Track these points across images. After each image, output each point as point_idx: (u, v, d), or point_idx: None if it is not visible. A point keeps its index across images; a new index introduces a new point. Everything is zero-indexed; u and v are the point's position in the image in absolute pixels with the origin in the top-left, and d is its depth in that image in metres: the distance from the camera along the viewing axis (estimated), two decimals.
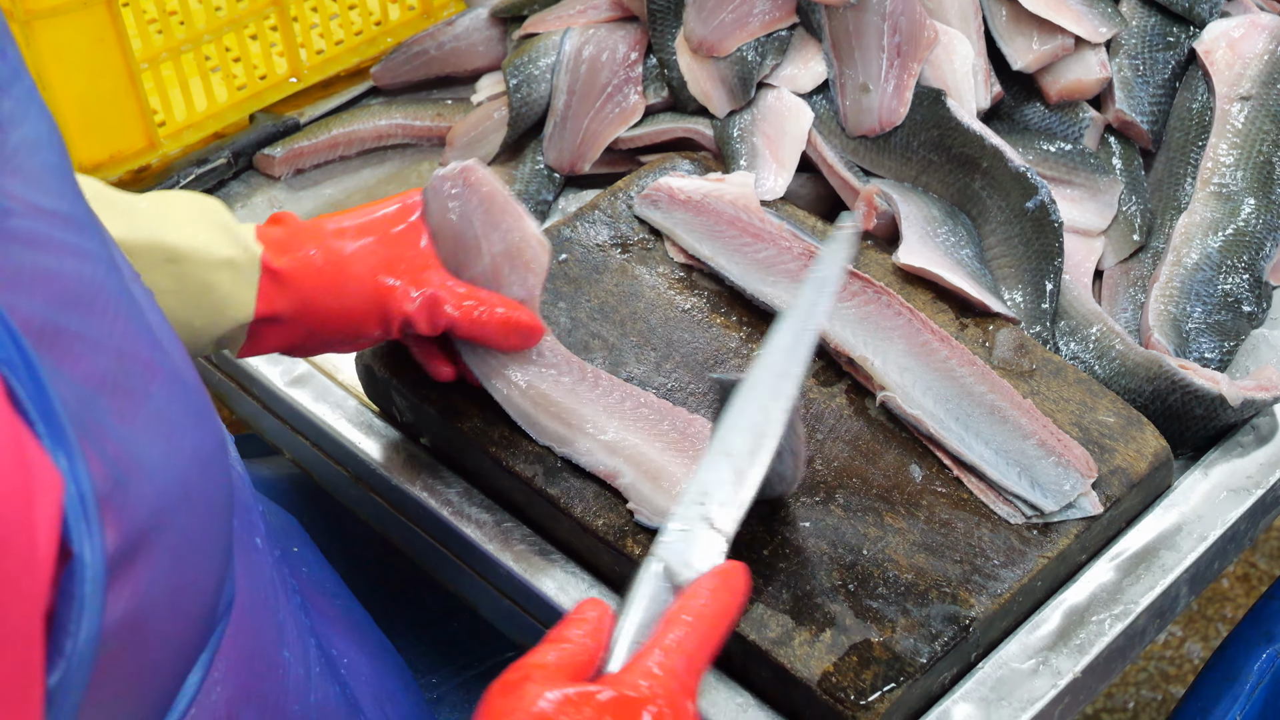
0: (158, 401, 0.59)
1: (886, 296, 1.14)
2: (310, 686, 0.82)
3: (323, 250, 1.02)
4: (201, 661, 0.66)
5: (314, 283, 1.01)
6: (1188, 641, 2.22)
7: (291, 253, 1.01)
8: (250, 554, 0.76)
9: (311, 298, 1.01)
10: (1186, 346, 1.17)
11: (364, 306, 1.03)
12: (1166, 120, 1.33)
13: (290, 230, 1.02)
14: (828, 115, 1.33)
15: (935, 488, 1.05)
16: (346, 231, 1.03)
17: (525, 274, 1.08)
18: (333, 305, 1.02)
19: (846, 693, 0.94)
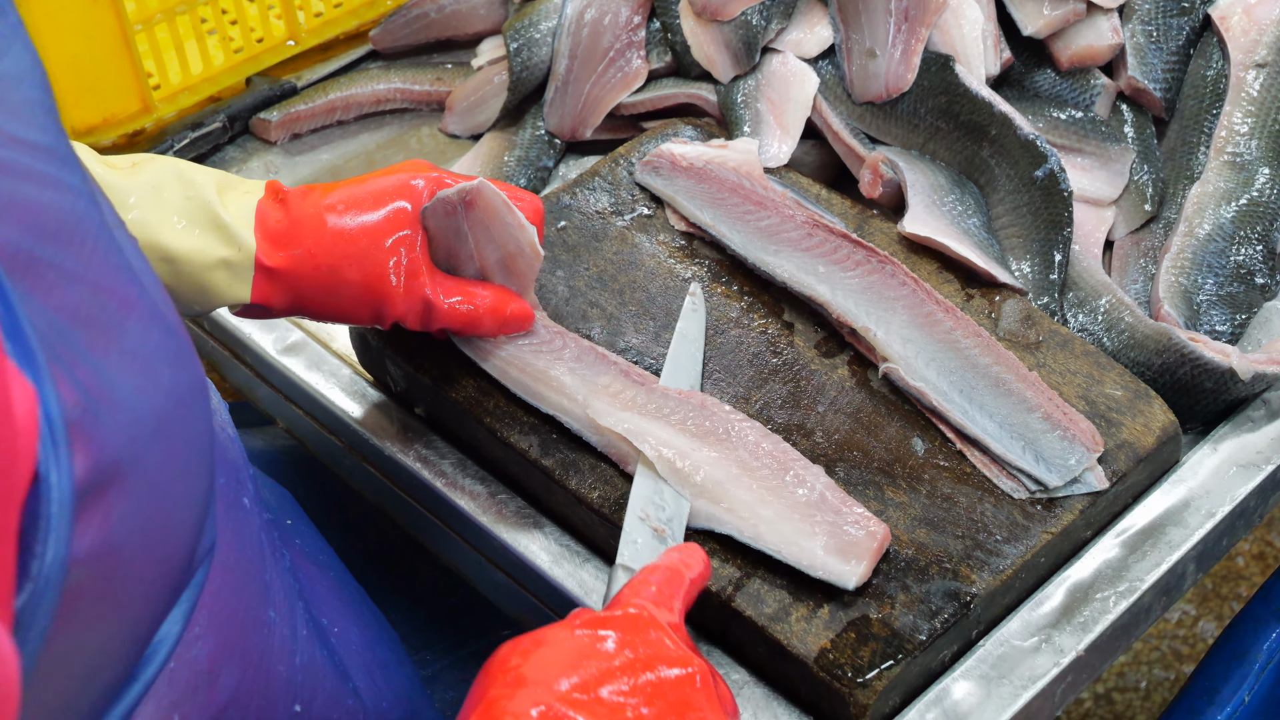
0: (134, 337, 0.59)
1: (891, 266, 1.13)
2: (296, 648, 0.82)
3: (319, 248, 1.02)
4: (180, 610, 0.66)
5: (309, 282, 1.03)
6: (1201, 620, 2.21)
7: (288, 249, 1.02)
8: (236, 511, 0.76)
9: (305, 295, 1.03)
10: (1197, 319, 1.16)
11: (357, 308, 1.05)
12: (1180, 87, 1.32)
13: (289, 219, 1.02)
14: (833, 81, 1.32)
15: (938, 461, 1.04)
16: (346, 234, 1.03)
17: (517, 279, 1.09)
18: (324, 301, 1.04)
19: (844, 670, 0.93)
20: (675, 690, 0.78)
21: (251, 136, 1.46)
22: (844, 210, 1.22)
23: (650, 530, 0.98)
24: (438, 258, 1.07)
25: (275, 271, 1.01)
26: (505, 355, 1.09)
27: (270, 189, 1.04)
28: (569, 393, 1.06)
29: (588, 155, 1.41)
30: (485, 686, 0.77)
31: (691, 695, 0.78)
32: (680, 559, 0.90)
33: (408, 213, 1.05)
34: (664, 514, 0.99)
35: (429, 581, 1.27)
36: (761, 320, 1.15)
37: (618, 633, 0.80)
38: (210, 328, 1.27)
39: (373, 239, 1.03)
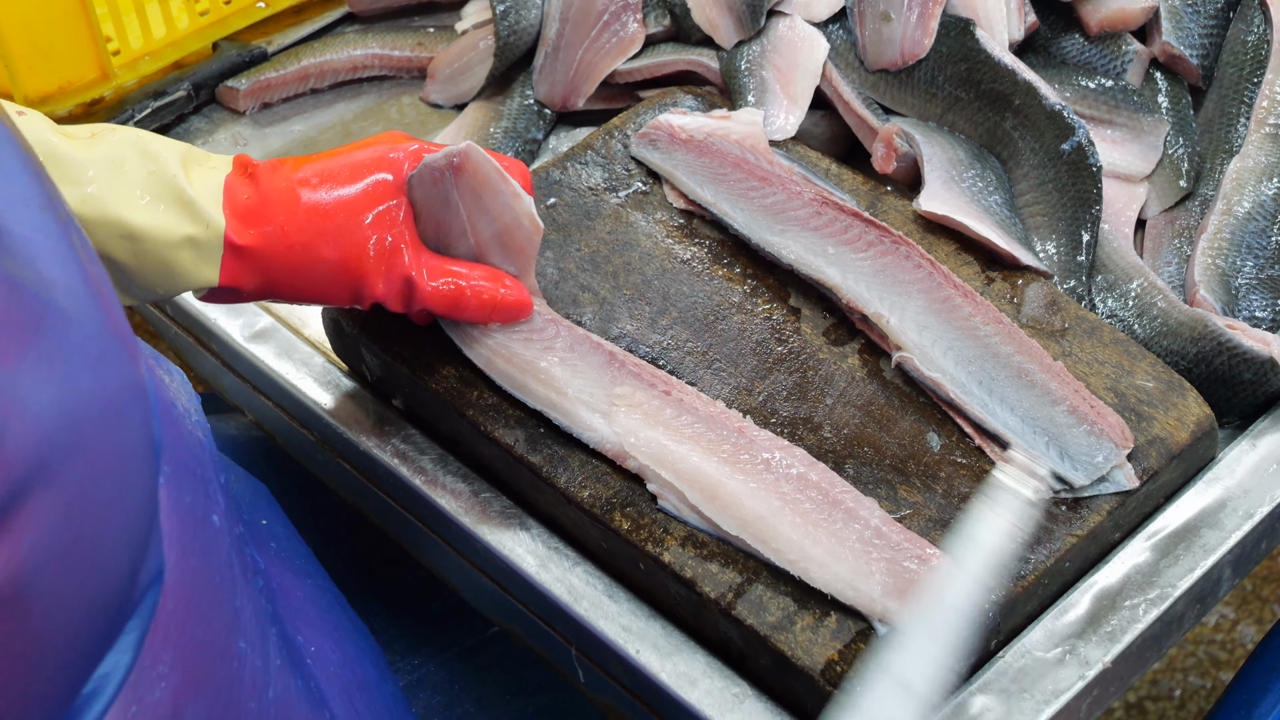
0: (45, 343, 0.58)
1: (905, 247, 1.13)
2: (269, 680, 0.81)
3: (292, 225, 1.02)
4: (127, 642, 0.65)
5: (281, 262, 1.02)
6: (1240, 624, 2.21)
7: (259, 226, 1.01)
8: (204, 532, 0.75)
9: (277, 276, 1.03)
10: (1235, 304, 1.15)
11: (333, 288, 1.04)
12: (1218, 54, 1.31)
13: (260, 194, 1.02)
14: (845, 46, 1.31)
15: (955, 458, 1.04)
16: (320, 209, 1.02)
17: (515, 256, 1.08)
18: (298, 283, 1.04)
19: (852, 683, 0.93)
20: None
21: (218, 106, 1.45)
22: (855, 187, 1.21)
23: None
24: (427, 235, 1.06)
25: (245, 250, 1.01)
26: (492, 344, 1.08)
27: (238, 163, 1.03)
28: (558, 386, 1.06)
29: (580, 126, 1.40)
30: None
31: None
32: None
33: (389, 185, 1.04)
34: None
35: (412, 584, 1.26)
36: (766, 305, 1.14)
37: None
38: (173, 313, 1.26)
39: (350, 214, 1.03)
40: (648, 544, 1.00)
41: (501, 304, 1.07)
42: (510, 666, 1.22)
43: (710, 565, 0.99)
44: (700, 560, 0.99)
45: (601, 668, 1.02)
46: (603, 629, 1.01)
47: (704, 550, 0.99)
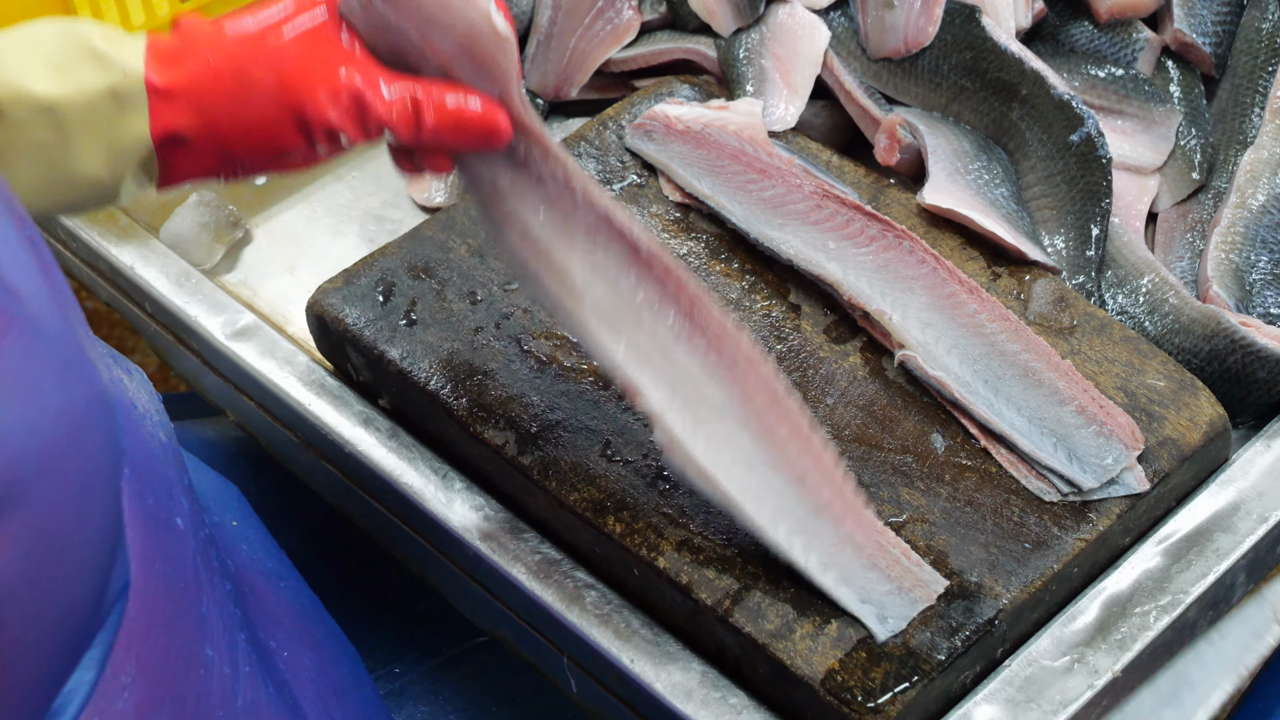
0: (11, 358, 0.57)
1: (909, 242, 1.12)
2: (238, 688, 0.81)
3: (218, 55, 0.95)
4: (93, 657, 0.65)
5: (212, 95, 0.95)
6: None
7: (182, 64, 0.95)
8: (167, 536, 0.75)
9: (212, 111, 0.95)
10: (1249, 301, 1.15)
11: (275, 114, 0.96)
12: (1232, 42, 1.31)
13: (183, 37, 0.96)
14: (846, 34, 1.31)
15: (959, 460, 1.03)
16: (247, 34, 0.96)
17: (488, 71, 0.95)
18: (238, 117, 0.96)
19: (854, 693, 0.92)
20: None
21: None
22: (857, 179, 1.21)
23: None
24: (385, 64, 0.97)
25: (170, 91, 0.94)
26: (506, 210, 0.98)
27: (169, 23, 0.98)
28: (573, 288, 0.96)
29: (573, 117, 1.40)
30: None
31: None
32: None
33: (318, 2, 0.97)
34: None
35: (395, 588, 1.26)
36: (765, 302, 1.14)
37: None
38: (153, 309, 1.26)
39: (280, 33, 0.95)
40: (642, 549, 1.00)
41: (466, 119, 0.95)
42: (498, 674, 1.22)
43: (707, 571, 0.98)
44: (696, 566, 0.99)
45: (594, 677, 1.02)
46: (595, 637, 1.00)
47: (700, 555, 0.99)
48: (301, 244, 1.32)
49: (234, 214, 1.31)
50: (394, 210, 1.34)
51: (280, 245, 1.33)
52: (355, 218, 1.34)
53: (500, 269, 1.16)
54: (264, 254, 1.32)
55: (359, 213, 1.34)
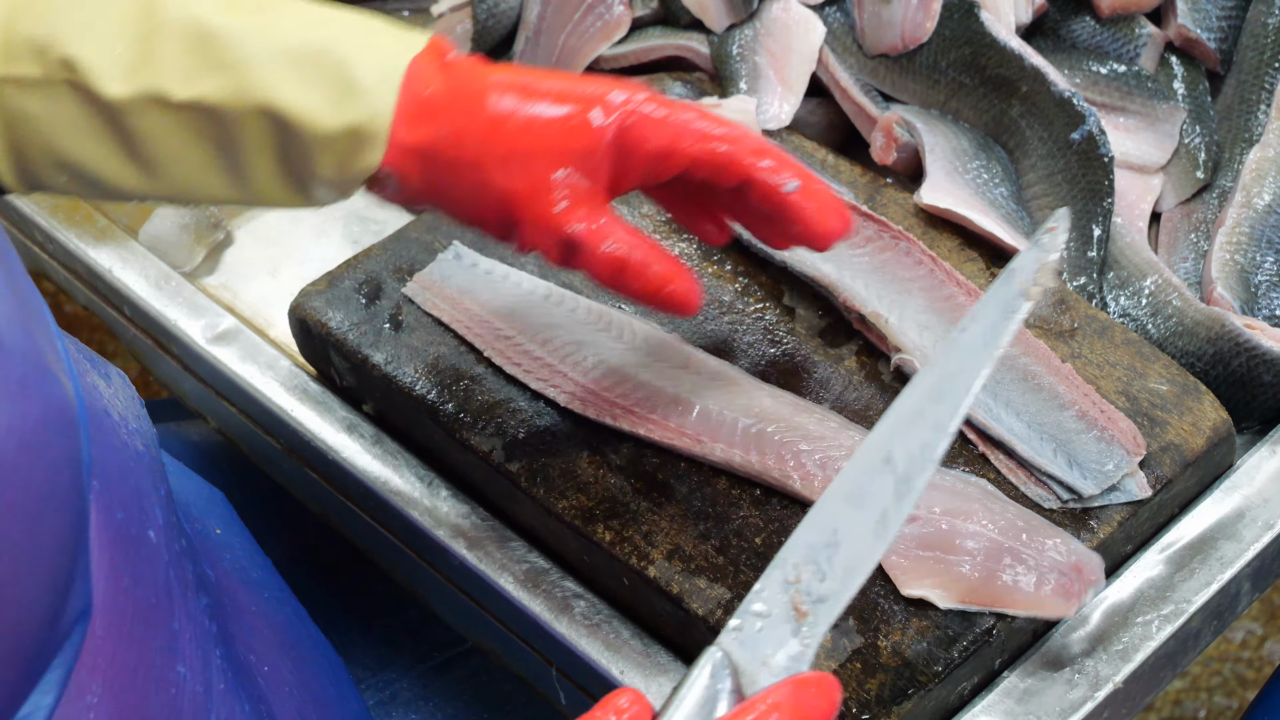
0: None
1: (905, 243, 1.13)
2: (211, 705, 0.81)
3: (467, 135, 0.93)
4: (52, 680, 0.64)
5: (444, 175, 0.94)
6: (1269, 641, 2.21)
7: (432, 124, 0.93)
8: (138, 550, 0.74)
9: (436, 185, 0.95)
10: (1255, 302, 1.15)
11: (489, 214, 0.96)
12: (1237, 37, 1.31)
13: (447, 88, 0.93)
14: (842, 30, 1.31)
15: (957, 466, 1.04)
16: (510, 122, 0.94)
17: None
18: (456, 198, 0.96)
19: (848, 705, 0.93)
20: None
21: None
22: (853, 178, 1.22)
23: (789, 605, 0.78)
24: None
25: (409, 148, 0.93)
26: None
27: (434, 44, 0.94)
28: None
29: None
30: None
31: None
32: (807, 701, 0.75)
33: (592, 127, 0.95)
34: (822, 585, 0.78)
35: (382, 598, 1.26)
36: (758, 305, 1.14)
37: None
38: (131, 313, 1.26)
39: (532, 135, 0.94)
40: (632, 557, 1.00)
41: (664, 297, 0.97)
42: (489, 681, 1.23)
43: (698, 580, 0.99)
44: (687, 575, 0.99)
45: (583, 689, 1.02)
46: (584, 648, 1.01)
47: (691, 564, 1.00)
48: (284, 246, 1.33)
49: (215, 215, 1.32)
50: (378, 211, 1.34)
51: (262, 247, 1.33)
52: (339, 219, 1.34)
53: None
54: (246, 256, 1.32)
55: (343, 213, 1.34)
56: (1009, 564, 0.96)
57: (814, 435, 1.03)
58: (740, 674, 0.76)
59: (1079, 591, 0.95)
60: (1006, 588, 0.96)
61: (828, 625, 0.78)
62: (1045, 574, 0.96)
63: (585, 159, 0.94)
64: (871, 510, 0.79)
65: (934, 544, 0.97)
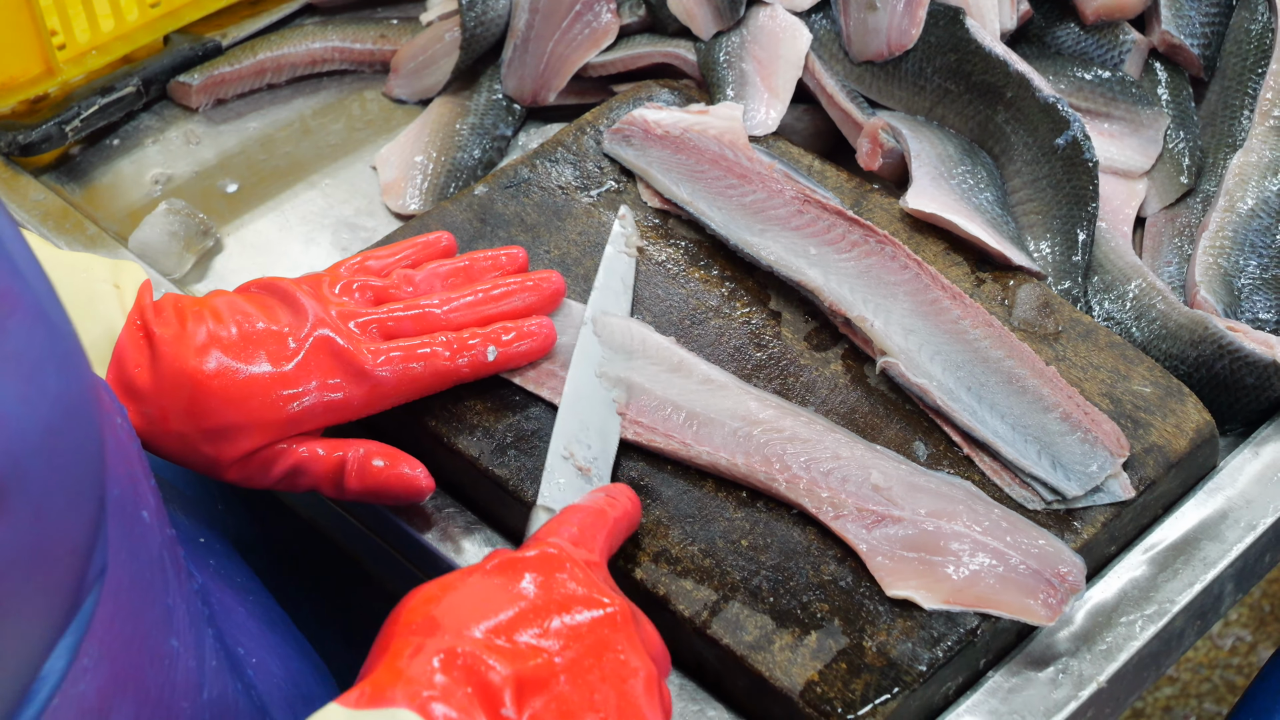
0: (17, 339, 0.59)
1: (891, 248, 1.14)
2: (204, 681, 0.82)
3: (176, 414, 1.01)
4: (67, 643, 0.66)
5: (159, 441, 1.03)
6: (1259, 647, 2.22)
7: (142, 403, 1.01)
8: (134, 527, 0.76)
9: (156, 448, 1.04)
10: (1238, 306, 1.16)
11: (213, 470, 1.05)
12: (1220, 43, 1.32)
13: (152, 368, 1.01)
14: (829, 37, 1.32)
15: (942, 468, 1.04)
16: (210, 400, 1.01)
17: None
18: (175, 458, 1.04)
19: (833, 704, 0.93)
20: (593, 631, 0.84)
21: (170, 103, 1.46)
22: (839, 184, 1.22)
23: (574, 469, 1.02)
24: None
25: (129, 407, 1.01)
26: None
27: (141, 305, 1.01)
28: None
29: (551, 122, 1.41)
30: (391, 635, 0.81)
31: (610, 635, 0.84)
32: (605, 498, 0.97)
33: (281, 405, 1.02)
34: (590, 452, 1.03)
35: (370, 606, 1.26)
36: (745, 309, 1.15)
37: (532, 573, 0.85)
38: None
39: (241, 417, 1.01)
40: (618, 560, 1.01)
41: (387, 483, 1.05)
42: None
43: (684, 582, 0.99)
44: (674, 577, 1.00)
45: None
46: None
47: (677, 567, 1.00)
48: (273, 253, 1.33)
49: (205, 222, 1.32)
50: (367, 218, 1.35)
51: (252, 254, 1.33)
52: (328, 226, 1.35)
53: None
54: (235, 263, 1.32)
55: (332, 221, 1.35)
56: (993, 565, 0.97)
57: (800, 438, 1.03)
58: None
59: (1062, 598, 0.96)
60: (991, 589, 0.96)
61: (607, 470, 1.04)
62: (1029, 577, 0.97)
63: (281, 428, 1.02)
64: (599, 398, 1.06)
65: (918, 545, 0.98)
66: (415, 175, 1.35)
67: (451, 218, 1.21)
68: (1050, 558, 0.97)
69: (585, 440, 1.04)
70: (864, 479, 1.00)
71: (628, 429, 1.06)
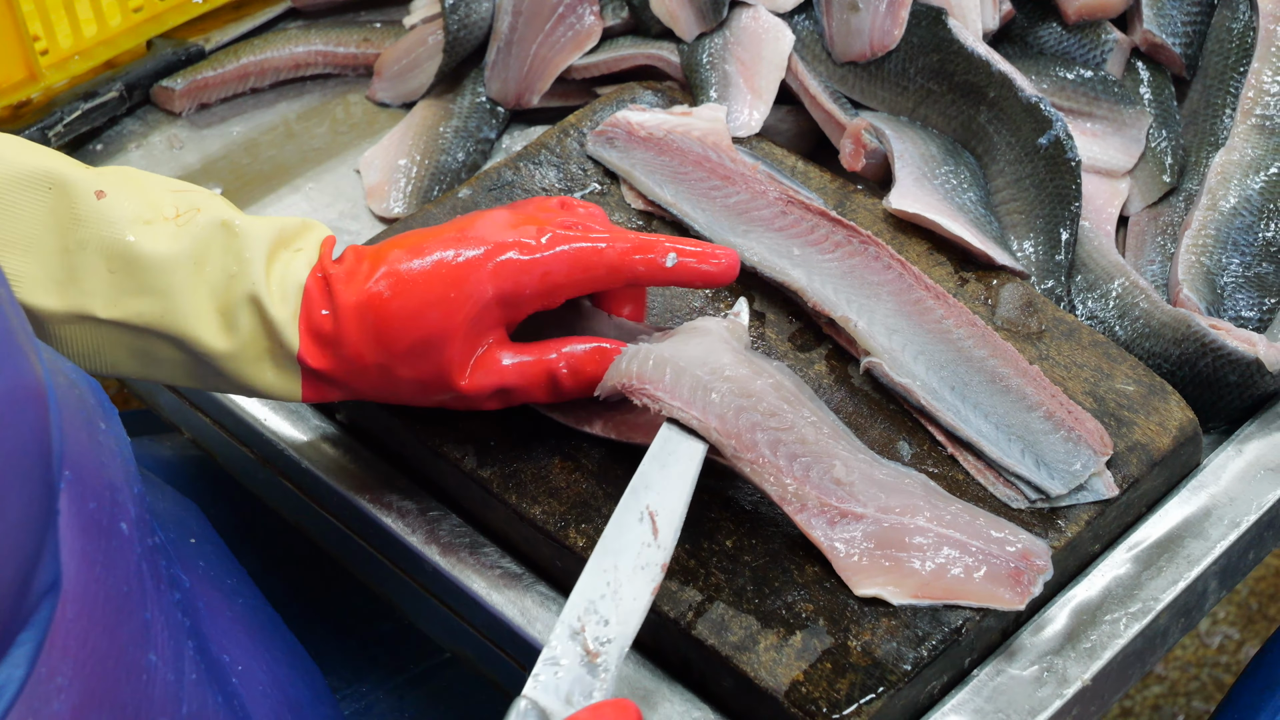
0: None
1: (874, 248, 1.14)
2: (183, 695, 0.82)
3: (367, 349, 1.00)
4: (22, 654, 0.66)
5: (362, 383, 1.03)
6: (1246, 645, 2.22)
7: (335, 351, 1.00)
8: (109, 540, 0.76)
9: (363, 392, 1.04)
10: (1221, 304, 1.16)
11: (422, 399, 1.04)
12: (1202, 43, 1.32)
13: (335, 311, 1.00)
14: (811, 38, 1.32)
15: (926, 467, 1.04)
16: (390, 331, 1.00)
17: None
18: (389, 397, 1.04)
19: (819, 704, 0.94)
20: None
21: (153, 107, 1.46)
22: (823, 185, 1.22)
23: (581, 651, 0.88)
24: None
25: (323, 374, 1.01)
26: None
27: (323, 259, 1.02)
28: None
29: (534, 125, 1.41)
30: None
31: None
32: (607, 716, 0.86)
33: (469, 302, 1.01)
34: (605, 630, 0.89)
35: (357, 607, 1.27)
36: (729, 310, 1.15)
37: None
38: None
39: (423, 335, 1.01)
40: None
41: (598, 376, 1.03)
42: (465, 691, 1.23)
43: (669, 583, 0.99)
44: None
45: None
46: None
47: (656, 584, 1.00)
48: None
49: None
50: (352, 221, 1.35)
51: None
52: None
53: None
54: None
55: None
56: (958, 557, 0.97)
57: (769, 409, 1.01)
58: (548, 716, 0.86)
59: (1029, 581, 0.97)
60: (958, 580, 0.97)
61: (618, 660, 0.88)
62: (994, 565, 0.97)
63: (474, 325, 1.01)
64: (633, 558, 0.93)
65: (883, 542, 0.98)
66: (399, 178, 1.35)
67: (435, 221, 1.21)
68: (1012, 544, 0.98)
69: (605, 613, 0.90)
70: (827, 471, 1.00)
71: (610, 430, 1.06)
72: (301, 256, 1.02)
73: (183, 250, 0.99)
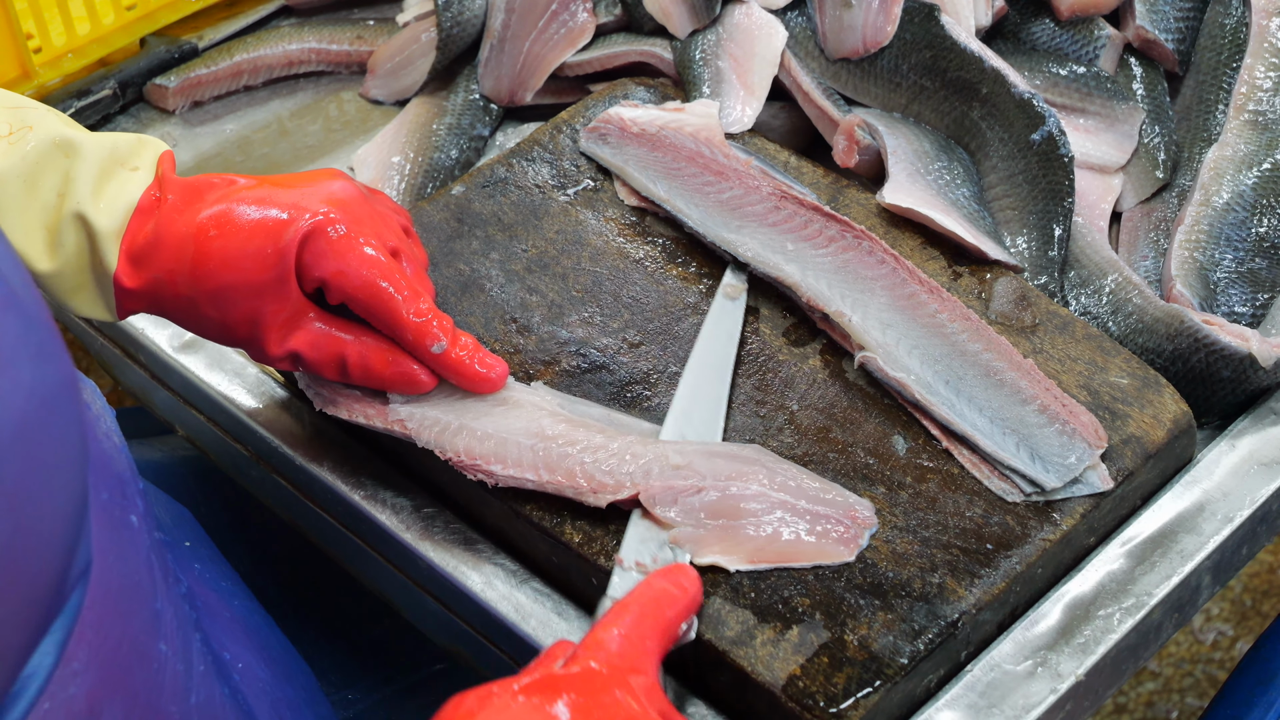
0: None
1: (868, 243, 1.14)
2: (192, 685, 0.82)
3: (180, 278, 1.00)
4: (52, 640, 0.66)
5: (171, 309, 1.03)
6: (1240, 641, 2.22)
7: (149, 268, 1.01)
8: (121, 529, 0.76)
9: (172, 316, 1.04)
10: (1214, 299, 1.16)
11: (225, 339, 1.04)
12: (1195, 38, 1.32)
13: (157, 234, 1.00)
14: (804, 34, 1.32)
15: (921, 462, 1.05)
16: (205, 265, 1.00)
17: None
18: (191, 326, 1.05)
19: (815, 699, 0.94)
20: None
21: (146, 105, 1.46)
22: (816, 180, 1.22)
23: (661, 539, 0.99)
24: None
25: (135, 292, 1.01)
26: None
27: (163, 177, 1.02)
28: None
29: (528, 121, 1.41)
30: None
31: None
32: (667, 588, 0.93)
33: (278, 260, 1.00)
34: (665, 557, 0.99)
35: (350, 609, 1.27)
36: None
37: (571, 694, 0.82)
38: (99, 324, 1.26)
39: (234, 277, 1.00)
40: (599, 558, 1.01)
41: (390, 378, 1.04)
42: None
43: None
44: None
45: None
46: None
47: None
48: None
49: None
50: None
51: None
52: None
53: (451, 277, 1.17)
54: None
55: None
56: (789, 520, 0.99)
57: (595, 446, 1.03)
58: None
59: (855, 535, 0.99)
60: (790, 543, 0.99)
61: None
62: (823, 524, 0.99)
63: (279, 286, 1.00)
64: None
65: (719, 511, 1.00)
66: (393, 175, 1.35)
67: (429, 218, 1.21)
68: (839, 503, 1.00)
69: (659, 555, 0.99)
70: (665, 464, 1.01)
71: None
72: (138, 176, 1.02)
73: (11, 167, 0.99)
